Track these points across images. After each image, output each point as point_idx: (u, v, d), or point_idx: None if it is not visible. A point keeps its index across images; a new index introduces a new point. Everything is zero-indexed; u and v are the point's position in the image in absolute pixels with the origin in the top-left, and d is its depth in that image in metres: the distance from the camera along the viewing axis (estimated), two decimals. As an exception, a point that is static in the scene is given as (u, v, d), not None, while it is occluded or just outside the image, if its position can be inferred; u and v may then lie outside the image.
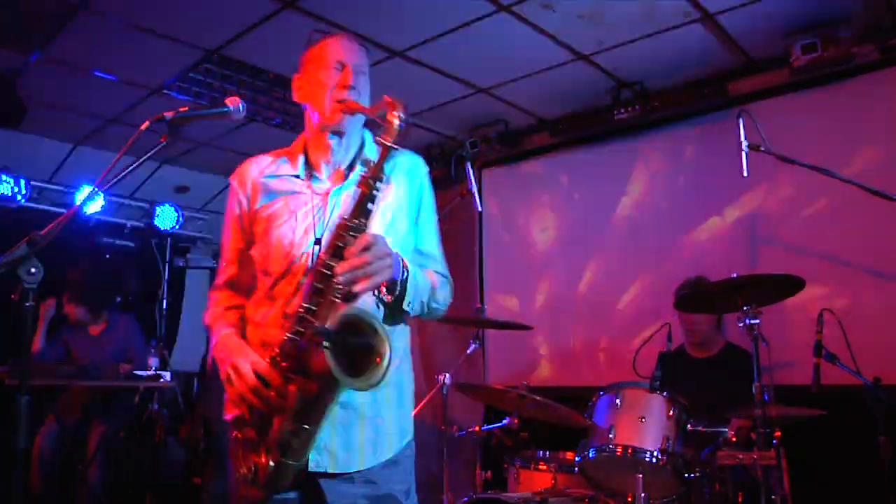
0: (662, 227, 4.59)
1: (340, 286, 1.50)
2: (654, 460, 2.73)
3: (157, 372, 4.54)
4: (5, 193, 5.09)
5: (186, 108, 1.71)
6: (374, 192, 1.55)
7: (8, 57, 4.00)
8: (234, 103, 1.75)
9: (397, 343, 1.68)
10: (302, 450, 1.55)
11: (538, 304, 5.14)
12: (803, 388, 2.69)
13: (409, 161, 1.83)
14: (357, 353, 1.46)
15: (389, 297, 1.63)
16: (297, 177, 1.78)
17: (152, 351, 4.71)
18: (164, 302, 6.21)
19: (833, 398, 2.70)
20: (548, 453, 3.26)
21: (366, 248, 1.50)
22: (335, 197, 1.73)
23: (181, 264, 6.45)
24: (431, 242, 1.84)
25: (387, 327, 1.53)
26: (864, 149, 3.84)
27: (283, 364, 1.53)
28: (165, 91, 4.49)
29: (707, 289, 3.09)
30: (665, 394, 2.86)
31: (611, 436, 2.81)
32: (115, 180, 1.69)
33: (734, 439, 2.82)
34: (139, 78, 4.36)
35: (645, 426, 2.81)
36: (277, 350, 1.56)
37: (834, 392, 2.66)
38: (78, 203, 4.99)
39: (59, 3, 3.50)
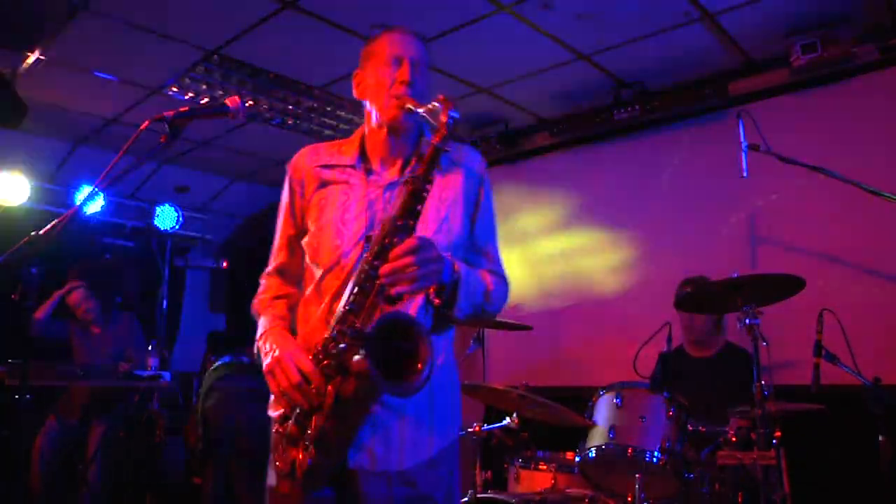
0: (662, 226, 4.59)
1: (384, 288, 1.47)
2: (654, 460, 2.72)
3: (157, 372, 4.55)
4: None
5: (186, 108, 1.71)
6: (423, 193, 1.51)
7: (8, 57, 4.00)
8: (234, 103, 1.75)
9: (442, 344, 1.68)
10: (339, 449, 1.53)
11: (538, 303, 5.14)
12: (803, 387, 2.69)
13: (468, 155, 1.79)
14: (398, 357, 1.43)
15: (438, 300, 1.58)
16: (353, 167, 1.74)
17: (152, 351, 4.71)
18: (164, 302, 6.22)
19: (833, 398, 2.70)
20: (548, 453, 3.26)
21: (411, 252, 1.46)
22: (390, 191, 1.68)
23: (181, 264, 6.46)
24: (488, 240, 1.79)
25: (430, 329, 1.52)
26: (864, 149, 3.84)
27: (324, 362, 1.52)
28: (165, 91, 4.49)
29: (707, 289, 3.09)
30: (665, 394, 2.86)
31: (611, 436, 2.81)
32: (115, 180, 1.69)
33: (734, 439, 2.81)
34: (139, 78, 4.36)
35: (645, 426, 2.81)
36: (320, 347, 1.54)
37: (834, 392, 2.66)
38: (78, 203, 4.99)
39: (59, 3, 3.50)
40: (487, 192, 1.80)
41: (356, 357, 1.43)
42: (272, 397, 1.68)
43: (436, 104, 1.54)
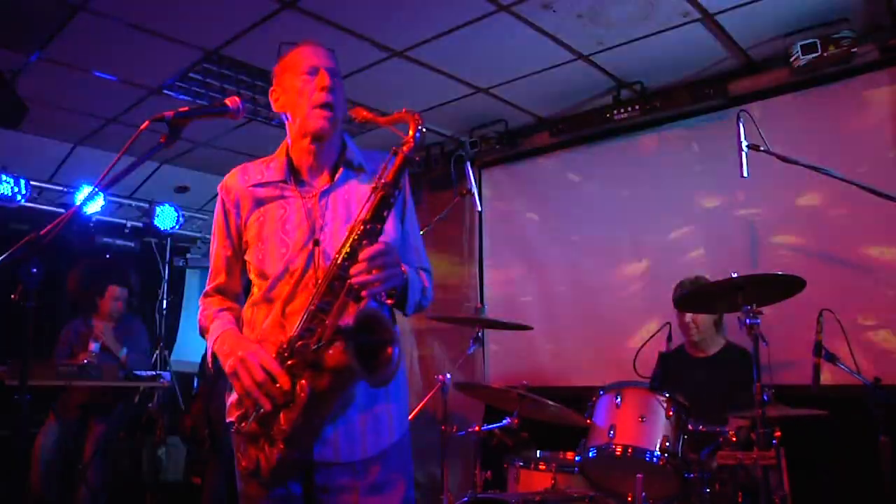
0: (663, 226, 4.59)
1: (353, 288, 1.55)
2: (654, 460, 2.73)
3: (157, 372, 4.55)
4: (5, 193, 5.10)
5: (186, 108, 1.71)
6: (392, 199, 1.62)
7: (8, 57, 4.00)
8: (234, 103, 1.75)
9: None
10: (308, 442, 1.60)
11: (538, 303, 5.14)
12: (803, 388, 2.69)
13: (386, 159, 1.86)
14: (371, 350, 1.52)
15: (390, 300, 1.70)
16: (284, 182, 1.81)
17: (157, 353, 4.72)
18: (164, 302, 6.22)
19: (833, 398, 2.70)
20: (548, 453, 3.26)
21: (380, 254, 1.56)
22: (325, 198, 1.77)
23: (181, 264, 6.46)
24: (416, 237, 1.91)
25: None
26: (864, 148, 3.84)
27: (291, 360, 1.57)
28: (165, 91, 4.49)
29: (707, 289, 3.09)
30: (665, 394, 2.86)
31: (611, 436, 2.81)
32: (115, 180, 1.69)
33: (734, 439, 2.81)
34: (139, 78, 4.36)
35: (645, 426, 2.81)
36: (285, 346, 1.59)
37: (834, 392, 2.67)
38: (78, 203, 4.99)
39: (59, 3, 3.50)
40: (409, 192, 1.92)
41: (331, 351, 1.49)
42: (229, 401, 1.74)
43: (402, 117, 1.66)
